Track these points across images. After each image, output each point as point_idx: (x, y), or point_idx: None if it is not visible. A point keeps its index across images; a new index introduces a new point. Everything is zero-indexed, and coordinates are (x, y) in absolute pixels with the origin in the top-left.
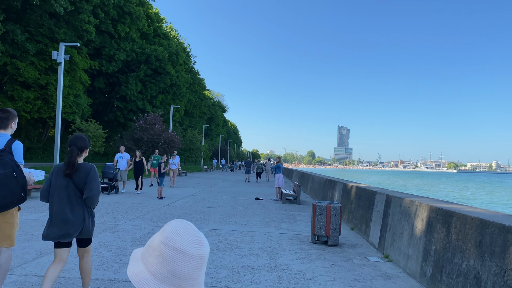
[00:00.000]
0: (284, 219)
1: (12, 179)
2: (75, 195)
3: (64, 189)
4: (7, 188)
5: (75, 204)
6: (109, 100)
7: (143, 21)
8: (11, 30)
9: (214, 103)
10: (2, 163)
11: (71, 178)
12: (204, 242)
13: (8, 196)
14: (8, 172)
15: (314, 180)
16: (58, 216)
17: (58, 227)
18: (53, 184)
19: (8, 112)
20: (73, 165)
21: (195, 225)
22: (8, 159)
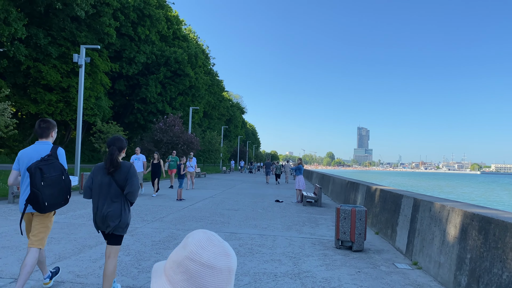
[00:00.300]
0: (305, 223)
1: (61, 181)
2: (116, 192)
3: (106, 187)
4: (57, 189)
5: (115, 200)
6: (130, 102)
7: (162, 23)
8: (34, 34)
9: (233, 104)
10: (52, 167)
11: (112, 176)
12: (231, 254)
13: (57, 196)
14: (58, 175)
15: (335, 182)
16: (101, 212)
17: (102, 222)
18: (95, 182)
19: (49, 123)
20: (115, 164)
21: (215, 228)
22: (57, 163)
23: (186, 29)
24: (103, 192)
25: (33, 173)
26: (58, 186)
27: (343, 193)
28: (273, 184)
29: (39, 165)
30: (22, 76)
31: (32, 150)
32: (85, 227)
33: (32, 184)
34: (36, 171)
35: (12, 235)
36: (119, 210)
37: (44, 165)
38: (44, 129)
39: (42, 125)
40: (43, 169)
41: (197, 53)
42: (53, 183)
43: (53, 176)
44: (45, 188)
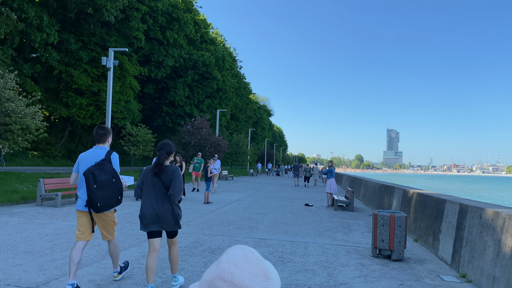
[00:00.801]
0: (338, 228)
1: (112, 184)
2: (163, 192)
3: (154, 187)
4: (109, 191)
5: (163, 200)
6: (158, 105)
7: (190, 27)
8: (66, 40)
9: (260, 107)
10: (104, 171)
11: (159, 178)
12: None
13: (109, 198)
14: (109, 178)
15: (367, 186)
16: (149, 210)
17: (150, 220)
18: (145, 183)
19: (106, 129)
20: (161, 166)
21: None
22: (109, 167)
23: (213, 32)
24: (152, 193)
25: (86, 177)
26: (109, 188)
27: (376, 197)
28: (302, 186)
29: (92, 169)
30: (55, 81)
31: (90, 154)
32: None
33: (87, 187)
34: (89, 176)
35: (36, 240)
36: (170, 209)
37: (96, 170)
38: (101, 135)
39: (100, 131)
40: (95, 174)
41: (224, 56)
42: (104, 186)
43: (104, 180)
44: (97, 190)
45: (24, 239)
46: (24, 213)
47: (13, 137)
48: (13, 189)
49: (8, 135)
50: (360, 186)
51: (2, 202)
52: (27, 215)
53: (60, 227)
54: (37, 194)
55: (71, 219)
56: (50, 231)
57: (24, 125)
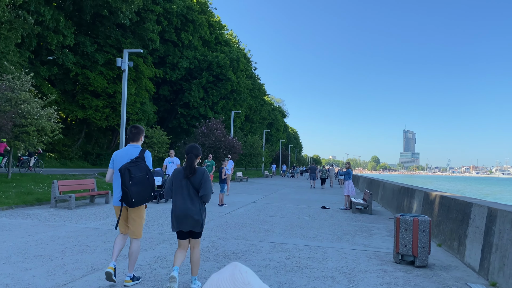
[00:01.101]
0: (357, 232)
1: (146, 180)
2: (193, 193)
3: (184, 188)
4: (143, 188)
5: (193, 200)
6: (173, 107)
7: (205, 29)
8: (82, 42)
9: (274, 108)
10: (138, 168)
11: (189, 179)
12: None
13: (143, 193)
14: (143, 175)
15: (385, 188)
16: (180, 210)
17: (180, 220)
18: (175, 184)
19: (139, 129)
20: (193, 169)
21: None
22: (143, 164)
23: (227, 33)
24: (182, 194)
25: (122, 173)
26: (143, 184)
27: (395, 200)
28: (318, 188)
29: (127, 166)
30: (71, 83)
31: (124, 152)
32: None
33: (122, 183)
34: (125, 172)
35: (48, 243)
36: (198, 209)
37: (132, 166)
38: (135, 134)
39: (134, 130)
40: (131, 170)
41: (239, 57)
42: (139, 182)
43: (139, 176)
44: (132, 186)
45: (35, 242)
46: (37, 215)
47: (28, 139)
48: (28, 190)
49: (24, 137)
50: (378, 188)
51: (17, 204)
52: (41, 217)
53: (73, 230)
54: (51, 196)
55: (84, 222)
56: (63, 233)
57: (40, 127)
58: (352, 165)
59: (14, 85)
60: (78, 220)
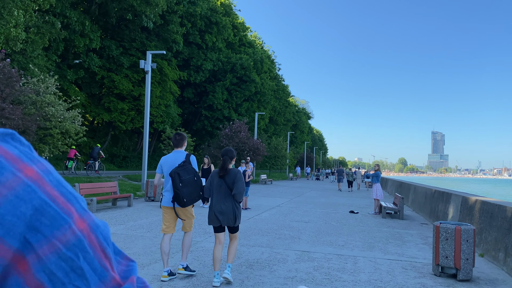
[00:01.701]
0: (389, 239)
1: (194, 182)
2: (227, 192)
3: (220, 188)
4: (191, 189)
5: (226, 199)
6: (198, 109)
7: (229, 30)
8: (107, 46)
9: (299, 110)
10: (187, 171)
11: (224, 179)
12: None
13: (193, 194)
14: (192, 177)
15: (417, 191)
16: (216, 208)
17: (216, 216)
18: (213, 184)
19: (182, 135)
20: (226, 170)
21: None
22: (190, 167)
23: (251, 35)
24: (218, 193)
25: (173, 177)
26: (193, 186)
27: (428, 204)
28: (345, 191)
29: (177, 170)
30: (97, 86)
31: (171, 157)
32: (142, 240)
33: (174, 185)
34: (176, 175)
35: None
36: (231, 207)
37: (181, 170)
38: (179, 140)
39: (177, 137)
40: (180, 174)
41: (263, 59)
42: (189, 184)
43: (188, 179)
44: (183, 188)
45: None
46: None
47: (53, 141)
48: None
49: (48, 139)
50: (409, 191)
51: None
52: None
53: None
54: None
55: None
56: None
57: (64, 129)
58: None
59: (39, 88)
60: None
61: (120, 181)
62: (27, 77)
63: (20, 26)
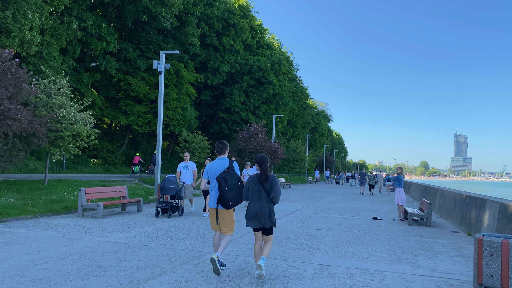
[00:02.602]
0: (418, 250)
1: (238, 186)
2: (265, 196)
3: (257, 191)
4: (236, 193)
5: (264, 202)
6: (215, 112)
7: (247, 33)
8: (124, 48)
9: (318, 112)
10: (231, 176)
11: (262, 185)
12: None
13: (237, 197)
14: (236, 182)
15: (444, 196)
16: (254, 211)
17: (254, 218)
18: (250, 189)
19: (224, 144)
20: (267, 177)
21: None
22: (234, 173)
23: (269, 37)
24: (257, 197)
25: (220, 181)
26: (237, 190)
27: (458, 210)
28: (367, 195)
29: (223, 175)
30: (114, 89)
31: (216, 164)
32: (145, 250)
33: (220, 189)
34: (222, 180)
35: (55, 262)
36: (268, 209)
37: (226, 176)
38: (222, 148)
39: (220, 145)
40: (226, 179)
41: (281, 60)
42: (233, 188)
43: (233, 183)
44: (228, 192)
45: (42, 260)
46: (60, 226)
47: (64, 144)
48: (60, 198)
49: (59, 142)
50: (435, 196)
51: (42, 213)
52: (62, 227)
53: (90, 245)
54: (78, 205)
55: (107, 234)
56: (77, 249)
57: (75, 132)
58: None
59: (50, 89)
60: (101, 232)
61: (135, 184)
62: (38, 79)
63: (36, 29)
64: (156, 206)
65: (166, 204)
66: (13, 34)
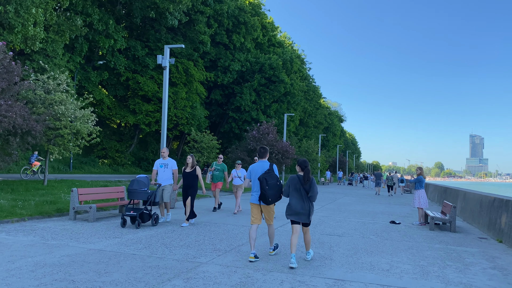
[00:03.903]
0: (446, 261)
1: (277, 186)
2: (304, 195)
3: (299, 191)
4: (275, 191)
5: (303, 200)
6: (225, 111)
7: (258, 30)
8: (133, 46)
9: (331, 112)
10: (272, 177)
11: (303, 185)
12: None
13: (276, 195)
14: (275, 182)
15: (467, 198)
16: (295, 207)
17: (293, 212)
18: (291, 188)
19: (265, 149)
20: (309, 179)
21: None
22: (274, 174)
23: (281, 36)
24: (297, 196)
25: (261, 181)
26: (276, 188)
27: (484, 214)
28: (383, 196)
29: (265, 176)
30: (122, 88)
31: (258, 165)
32: (132, 260)
33: (261, 188)
34: (263, 180)
35: (23, 274)
36: (308, 207)
37: (267, 176)
38: (263, 152)
39: (262, 150)
40: (267, 179)
41: (292, 58)
42: (273, 187)
43: (273, 183)
44: (269, 190)
45: (7, 273)
46: (46, 230)
47: (63, 142)
48: (55, 199)
49: (58, 140)
50: (456, 198)
51: (31, 215)
52: (48, 232)
53: (71, 253)
54: (70, 206)
55: (95, 240)
56: (54, 259)
57: (75, 130)
58: (414, 172)
59: (49, 85)
60: (90, 237)
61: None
62: (36, 74)
63: (40, 24)
64: (122, 214)
65: (135, 211)
66: (16, 30)
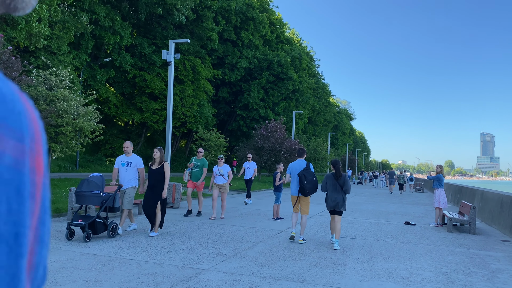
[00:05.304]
0: (470, 267)
1: (314, 181)
2: (339, 189)
3: (334, 186)
4: (312, 185)
5: (339, 193)
6: (233, 109)
7: (266, 27)
8: (139, 44)
9: (340, 110)
10: (309, 173)
11: (337, 180)
12: None
13: (313, 188)
14: (312, 177)
15: (486, 198)
16: (333, 200)
17: (332, 204)
18: (328, 183)
19: (303, 150)
20: (340, 175)
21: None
22: (311, 171)
23: (289, 32)
24: (333, 189)
25: (301, 176)
26: (313, 183)
27: (506, 215)
28: (396, 195)
29: (303, 172)
30: (129, 86)
31: (297, 163)
32: (128, 266)
33: (300, 182)
34: (302, 176)
35: None
36: (342, 198)
37: (305, 172)
38: (301, 153)
39: (300, 151)
40: (305, 175)
41: (301, 55)
42: (310, 182)
43: (310, 179)
44: (307, 184)
45: None
46: None
47: (65, 140)
48: (55, 198)
49: (61, 138)
50: (473, 197)
51: None
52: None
53: (62, 258)
54: (68, 207)
55: (90, 243)
56: None
57: (77, 127)
58: (423, 171)
59: (51, 81)
60: (83, 241)
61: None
62: (38, 70)
63: (44, 21)
64: (68, 223)
65: (84, 219)
66: (20, 26)
